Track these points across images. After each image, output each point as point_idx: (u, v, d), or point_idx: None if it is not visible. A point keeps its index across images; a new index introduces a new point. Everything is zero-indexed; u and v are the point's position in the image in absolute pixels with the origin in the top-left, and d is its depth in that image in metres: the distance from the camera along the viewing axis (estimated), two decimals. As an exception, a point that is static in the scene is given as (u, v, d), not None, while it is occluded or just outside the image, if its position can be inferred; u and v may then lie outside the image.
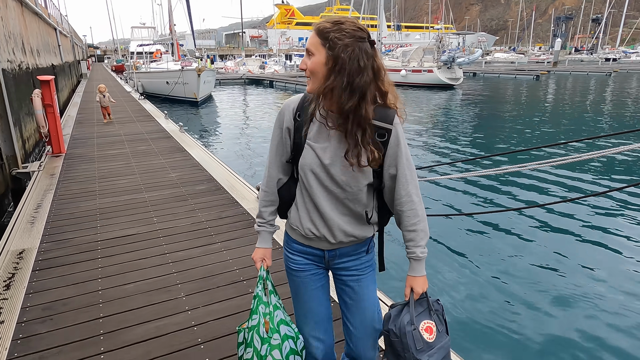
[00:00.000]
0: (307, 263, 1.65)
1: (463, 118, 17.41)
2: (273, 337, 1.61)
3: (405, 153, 1.48)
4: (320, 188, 1.52)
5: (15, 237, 3.97)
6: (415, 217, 1.51)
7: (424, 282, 1.54)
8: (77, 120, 11.31)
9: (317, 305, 1.69)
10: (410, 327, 1.48)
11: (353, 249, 1.62)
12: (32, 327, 2.61)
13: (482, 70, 46.91)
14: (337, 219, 1.54)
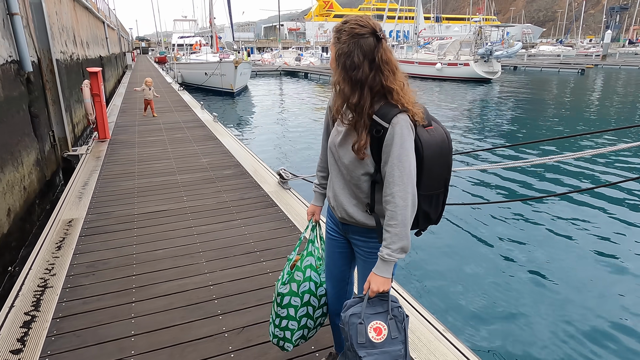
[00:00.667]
0: (332, 227, 1.86)
1: (496, 113, 17.10)
2: (296, 274, 1.94)
3: (398, 154, 1.47)
4: (334, 165, 1.69)
5: (65, 208, 4.54)
6: (393, 219, 1.49)
7: (382, 283, 1.52)
8: (121, 109, 12.12)
9: (332, 265, 1.92)
10: (356, 319, 1.50)
11: (362, 231, 1.69)
12: (78, 280, 3.11)
13: (524, 63, 45.22)
14: (343, 197, 1.68)
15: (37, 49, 6.62)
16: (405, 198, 1.47)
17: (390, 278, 1.53)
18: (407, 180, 1.47)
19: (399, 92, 1.50)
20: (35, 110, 6.03)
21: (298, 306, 1.95)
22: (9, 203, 4.57)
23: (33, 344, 2.43)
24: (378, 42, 1.47)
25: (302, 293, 1.95)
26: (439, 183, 1.58)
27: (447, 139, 1.57)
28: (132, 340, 2.46)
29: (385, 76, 1.48)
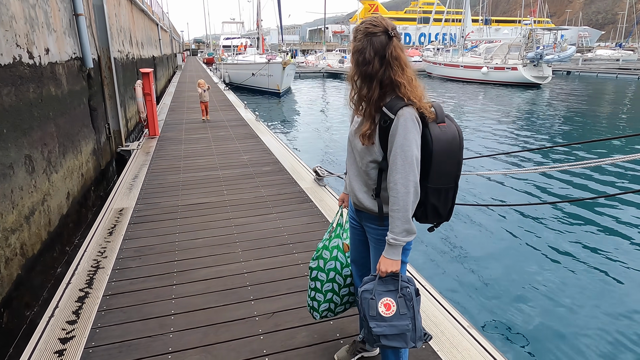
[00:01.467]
0: (351, 215, 2.02)
1: (543, 119, 16.42)
2: (324, 252, 2.18)
3: (401, 144, 1.57)
4: (350, 153, 1.84)
5: (117, 198, 4.90)
6: (395, 204, 1.60)
7: (390, 264, 1.65)
8: (170, 108, 12.75)
9: (354, 251, 2.08)
10: (368, 295, 1.69)
11: (372, 218, 1.82)
12: (126, 262, 3.39)
13: (578, 68, 42.81)
14: (355, 184, 1.83)
15: (97, 47, 7.15)
16: (406, 185, 1.57)
17: (397, 260, 1.66)
18: (409, 168, 1.57)
19: (406, 86, 1.61)
20: (93, 104, 6.52)
21: (324, 281, 2.17)
22: (68, 187, 4.99)
23: (86, 317, 2.69)
24: (389, 40, 1.59)
25: (327, 270, 2.16)
26: (448, 178, 1.65)
27: (458, 137, 1.63)
28: (172, 318, 2.67)
29: (394, 71, 1.60)
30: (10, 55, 3.78)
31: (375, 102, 1.65)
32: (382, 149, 1.67)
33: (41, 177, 4.21)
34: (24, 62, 4.07)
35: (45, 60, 4.65)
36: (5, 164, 3.49)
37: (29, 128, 4.02)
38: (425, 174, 1.63)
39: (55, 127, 4.76)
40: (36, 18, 4.54)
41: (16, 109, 3.79)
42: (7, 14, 3.81)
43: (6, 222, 3.41)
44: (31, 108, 4.13)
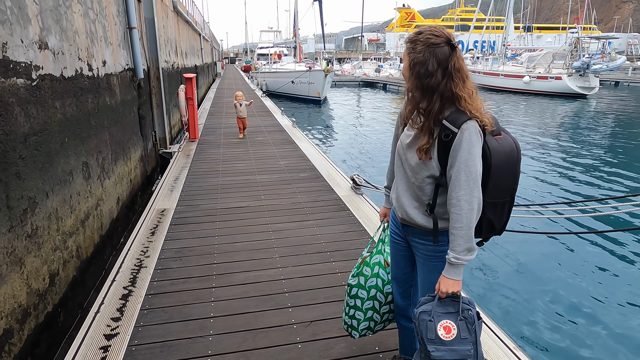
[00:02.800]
0: (395, 230, 1.94)
1: (589, 134, 15.62)
2: (364, 269, 2.12)
3: (465, 159, 1.53)
4: (400, 168, 1.78)
5: (159, 199, 5.04)
6: (458, 222, 1.55)
7: (451, 284, 1.59)
8: (210, 113, 13.09)
9: (396, 267, 2.00)
10: (426, 316, 1.60)
11: (421, 233, 1.76)
12: (167, 263, 3.46)
13: (628, 78, 40.64)
14: (405, 199, 1.76)
15: (147, 58, 7.45)
16: (470, 202, 1.53)
17: (459, 280, 1.59)
18: (473, 184, 1.53)
19: (467, 100, 1.56)
20: (142, 112, 6.79)
21: (364, 299, 2.10)
22: (118, 192, 5.19)
23: (129, 314, 2.76)
24: (452, 50, 1.54)
25: (368, 287, 2.09)
26: (504, 192, 1.62)
27: (515, 149, 1.60)
28: (211, 321, 2.69)
29: (455, 83, 1.55)
30: (73, 68, 3.99)
31: (435, 115, 1.59)
32: (440, 163, 1.61)
33: (95, 183, 4.40)
34: (84, 74, 4.29)
35: (102, 72, 4.89)
36: (66, 170, 3.67)
37: (86, 136, 4.23)
38: (483, 187, 1.58)
39: (109, 135, 4.98)
40: (95, 32, 4.78)
41: (76, 119, 3.99)
42: (71, 29, 4.03)
43: (65, 226, 3.58)
44: (89, 117, 4.34)
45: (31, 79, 3.15)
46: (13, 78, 2.89)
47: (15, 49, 2.94)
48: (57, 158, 3.51)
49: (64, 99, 3.72)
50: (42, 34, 3.38)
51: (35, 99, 3.20)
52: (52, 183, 3.38)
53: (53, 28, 3.61)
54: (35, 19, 3.28)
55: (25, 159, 2.98)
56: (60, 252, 3.45)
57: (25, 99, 3.04)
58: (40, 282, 3.09)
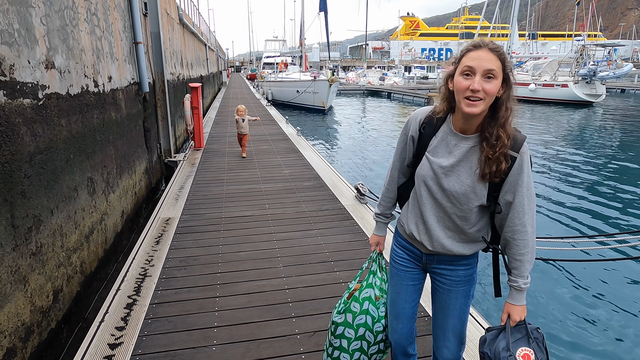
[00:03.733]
0: (407, 259, 1.77)
1: (597, 142, 15.54)
2: (353, 304, 1.88)
3: (527, 183, 1.47)
4: (429, 199, 1.60)
5: (164, 208, 5.07)
6: (525, 247, 1.50)
7: (522, 311, 1.53)
8: (215, 122, 13.18)
9: (403, 301, 1.80)
10: (506, 353, 1.49)
11: (451, 258, 1.66)
12: (171, 272, 3.47)
13: (634, 86, 40.45)
14: (439, 232, 1.61)
15: (152, 72, 7.54)
16: (533, 225, 1.51)
17: (525, 304, 1.55)
18: (534, 207, 1.50)
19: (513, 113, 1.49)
20: (147, 125, 6.86)
21: (352, 339, 1.88)
22: (123, 206, 5.23)
23: (133, 323, 2.76)
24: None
25: (357, 326, 1.87)
26: None
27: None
28: (215, 331, 2.69)
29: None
30: (79, 85, 4.06)
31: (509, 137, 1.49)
32: (489, 189, 1.50)
33: (100, 197, 4.44)
34: (90, 90, 4.35)
35: (107, 88, 4.95)
36: (71, 187, 3.71)
37: (91, 152, 4.28)
38: None
39: (114, 149, 5.03)
40: (102, 49, 4.86)
41: (82, 135, 4.05)
42: (77, 47, 4.10)
43: (69, 242, 3.61)
44: (94, 133, 4.40)
45: (37, 98, 3.20)
46: (20, 99, 2.94)
47: (22, 70, 2.99)
48: (62, 175, 3.54)
49: (69, 116, 3.77)
50: (49, 53, 3.44)
51: (41, 118, 3.24)
52: (56, 200, 3.41)
53: (60, 47, 3.67)
54: (42, 39, 3.34)
55: (30, 178, 3.02)
56: (64, 268, 3.47)
57: (31, 118, 3.09)
58: (44, 300, 3.10)
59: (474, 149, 1.50)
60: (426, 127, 1.61)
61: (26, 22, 3.09)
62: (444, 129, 1.57)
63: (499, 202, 1.51)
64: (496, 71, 1.39)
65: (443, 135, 1.56)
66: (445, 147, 1.55)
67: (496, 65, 1.39)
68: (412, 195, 1.70)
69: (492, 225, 1.62)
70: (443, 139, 1.56)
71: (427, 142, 1.60)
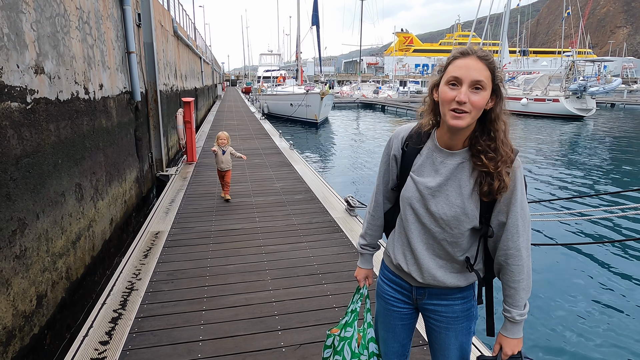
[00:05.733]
0: (396, 297, 1.59)
1: (588, 154, 15.78)
2: (363, 353, 1.70)
3: (520, 201, 1.33)
4: (416, 224, 1.45)
5: (154, 222, 5.06)
6: (520, 274, 1.36)
7: (516, 344, 1.39)
8: (209, 135, 13.20)
9: (392, 341, 1.65)
10: None
11: (445, 291, 1.49)
12: (159, 285, 3.45)
13: (623, 100, 41.25)
14: (429, 261, 1.45)
15: (145, 82, 7.59)
16: (528, 248, 1.37)
17: (521, 338, 1.41)
18: (529, 228, 1.37)
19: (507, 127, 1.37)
20: (139, 134, 6.87)
21: None
22: (112, 214, 5.21)
23: (118, 338, 2.74)
24: None
25: None
26: None
27: None
28: (200, 344, 2.67)
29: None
30: (69, 91, 4.08)
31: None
32: (481, 210, 1.37)
33: (88, 204, 4.43)
34: (80, 97, 4.38)
35: (98, 95, 4.98)
36: (58, 192, 3.71)
37: (80, 158, 4.28)
38: None
39: (104, 156, 5.04)
40: (93, 57, 4.90)
41: (71, 141, 4.06)
42: (68, 54, 4.14)
43: (55, 247, 3.59)
44: (84, 139, 4.41)
45: (26, 102, 3.22)
46: (7, 102, 2.96)
47: (11, 73, 3.02)
48: (49, 179, 3.54)
49: (58, 121, 3.79)
50: (38, 59, 3.47)
51: (29, 122, 3.26)
52: (43, 204, 3.41)
53: (50, 53, 3.71)
54: (32, 44, 3.38)
55: (16, 181, 3.02)
56: (49, 273, 3.44)
57: (19, 122, 3.10)
58: (27, 304, 3.07)
59: (461, 166, 1.36)
60: (409, 144, 1.47)
61: (16, 27, 3.13)
62: (428, 146, 1.43)
63: (491, 224, 1.38)
64: (484, 82, 1.26)
65: (428, 152, 1.42)
66: (430, 165, 1.40)
67: (484, 76, 1.26)
68: (397, 221, 1.55)
69: (485, 250, 1.46)
70: (428, 157, 1.42)
71: (411, 160, 1.46)
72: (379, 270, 1.71)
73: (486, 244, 1.45)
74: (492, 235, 1.38)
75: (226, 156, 5.93)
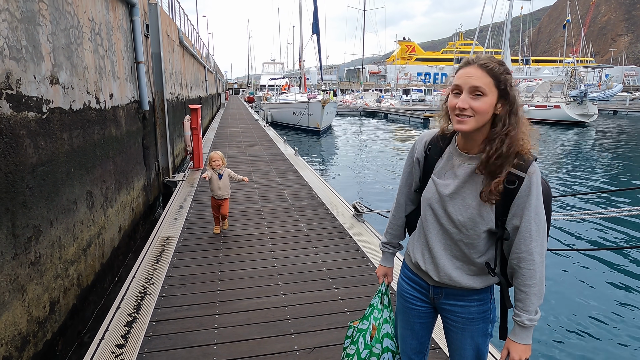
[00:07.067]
0: (415, 296, 1.65)
1: (590, 160, 15.81)
2: (375, 346, 1.76)
3: (535, 206, 1.36)
4: (435, 224, 1.51)
5: (163, 227, 5.11)
6: (532, 279, 1.37)
7: (524, 350, 1.40)
8: (214, 142, 13.30)
9: (410, 338, 1.70)
10: None
11: (461, 292, 1.53)
12: (171, 290, 3.49)
13: (626, 108, 41.41)
14: (445, 260, 1.51)
15: (152, 91, 7.69)
16: (542, 254, 1.38)
17: (530, 344, 1.41)
18: (543, 233, 1.38)
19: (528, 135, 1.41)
20: (146, 143, 6.96)
21: None
22: (120, 221, 5.27)
23: (133, 341, 2.78)
24: None
25: None
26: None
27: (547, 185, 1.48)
28: (215, 348, 2.71)
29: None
30: (81, 101, 4.17)
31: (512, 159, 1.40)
32: (497, 213, 1.40)
33: (99, 211, 4.49)
34: (91, 107, 4.47)
35: (109, 105, 5.08)
36: (70, 199, 3.78)
37: (91, 166, 4.35)
38: None
39: (114, 164, 5.12)
40: (104, 67, 5.00)
41: (82, 149, 4.13)
42: (81, 65, 4.24)
43: (67, 254, 3.64)
44: (95, 148, 4.49)
45: (41, 112, 3.30)
46: (25, 112, 3.04)
47: (28, 84, 3.10)
48: (62, 187, 3.61)
49: (71, 130, 3.87)
50: (53, 70, 3.56)
51: (44, 131, 3.33)
52: (56, 212, 3.47)
53: (64, 64, 3.80)
54: (48, 56, 3.46)
55: (32, 189, 3.08)
56: (62, 279, 3.49)
57: (35, 131, 3.18)
58: (41, 310, 3.12)
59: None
60: (432, 148, 1.55)
61: (33, 39, 3.21)
62: (449, 150, 1.50)
63: (507, 228, 1.41)
64: (484, 88, 1.32)
65: (448, 156, 1.49)
66: (450, 168, 1.47)
67: (484, 82, 1.33)
68: (419, 222, 1.61)
69: (502, 254, 1.48)
70: (448, 160, 1.49)
71: (433, 164, 1.53)
72: (400, 269, 1.77)
73: (502, 248, 1.48)
74: (507, 238, 1.41)
75: (224, 181, 4.85)
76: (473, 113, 1.34)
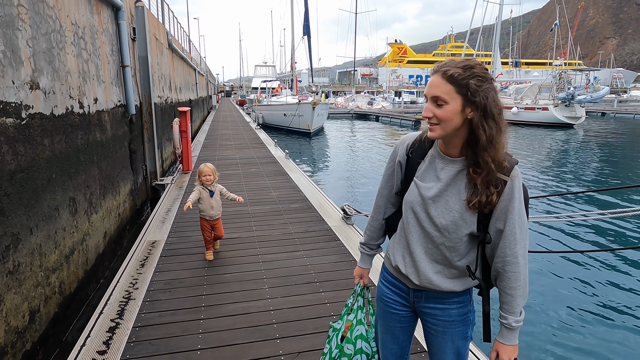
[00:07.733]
0: (395, 300, 1.64)
1: (578, 160, 15.99)
2: (346, 347, 1.77)
3: (518, 209, 1.36)
4: (416, 227, 1.50)
5: (150, 231, 5.05)
6: (517, 281, 1.39)
7: (512, 351, 1.43)
8: (204, 145, 13.22)
9: (391, 343, 1.69)
10: None
11: (441, 295, 1.53)
12: (156, 294, 3.44)
13: (614, 110, 42.03)
14: (426, 264, 1.50)
15: (140, 95, 7.62)
16: (525, 256, 1.40)
17: (517, 344, 1.44)
18: (526, 236, 1.40)
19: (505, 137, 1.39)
20: (133, 147, 6.88)
21: None
22: (105, 227, 5.20)
23: (115, 347, 2.73)
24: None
25: None
26: None
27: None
28: (198, 353, 2.67)
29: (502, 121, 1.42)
30: (63, 106, 4.10)
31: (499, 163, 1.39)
32: (479, 217, 1.41)
33: (82, 218, 4.42)
34: (74, 111, 4.39)
35: (93, 109, 5.00)
36: (52, 206, 3.70)
37: (75, 172, 4.28)
38: None
39: (98, 170, 5.04)
40: (88, 71, 4.93)
41: (65, 155, 4.06)
42: (63, 69, 4.17)
43: (48, 262, 3.57)
44: (78, 153, 4.41)
45: (21, 118, 3.23)
46: (2, 118, 2.97)
47: (6, 90, 3.03)
48: (43, 194, 3.54)
49: (53, 136, 3.79)
50: (34, 75, 3.49)
51: (23, 137, 3.26)
52: (36, 219, 3.39)
53: (45, 69, 3.73)
54: (27, 61, 3.40)
55: (10, 196, 3.01)
56: (42, 288, 3.42)
57: (13, 137, 3.11)
58: (20, 320, 3.05)
59: (461, 173, 1.41)
60: (414, 151, 1.54)
61: (12, 44, 3.15)
62: (431, 153, 1.49)
63: (489, 231, 1.42)
64: (444, 97, 1.31)
65: (431, 159, 1.48)
66: (432, 171, 1.46)
67: (442, 91, 1.32)
68: (399, 225, 1.60)
69: (483, 257, 1.50)
70: (431, 163, 1.48)
71: (415, 166, 1.52)
72: (380, 273, 1.75)
73: (484, 251, 1.49)
74: (489, 241, 1.42)
75: (215, 199, 4.25)
76: (438, 121, 1.35)
